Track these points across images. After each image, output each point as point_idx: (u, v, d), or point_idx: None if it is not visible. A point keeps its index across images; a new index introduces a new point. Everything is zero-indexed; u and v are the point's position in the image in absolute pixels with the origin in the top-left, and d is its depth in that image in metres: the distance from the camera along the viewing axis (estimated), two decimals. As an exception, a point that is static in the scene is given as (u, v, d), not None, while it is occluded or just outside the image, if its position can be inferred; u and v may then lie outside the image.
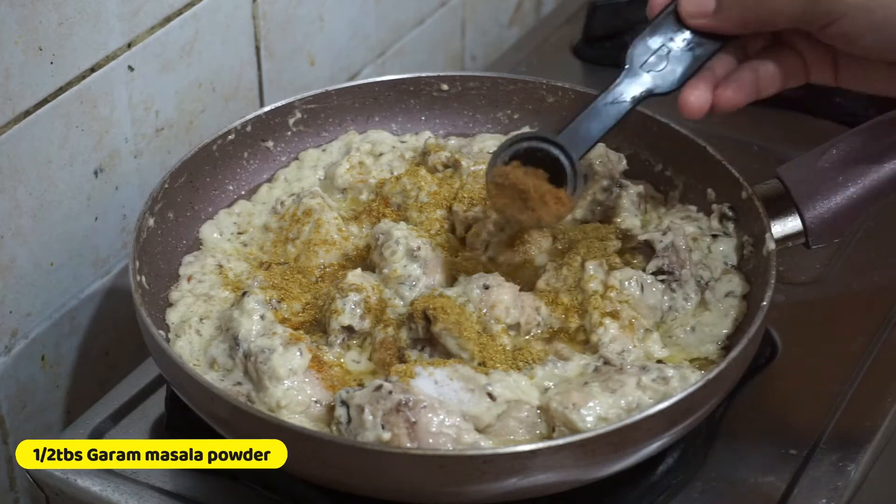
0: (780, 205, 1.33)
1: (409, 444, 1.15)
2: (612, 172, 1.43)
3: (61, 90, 1.34)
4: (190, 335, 1.29)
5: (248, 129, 1.47)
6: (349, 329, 1.28)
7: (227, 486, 1.27)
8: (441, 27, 1.87)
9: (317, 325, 1.30)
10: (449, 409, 1.18)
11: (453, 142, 1.51)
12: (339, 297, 1.29)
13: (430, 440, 1.16)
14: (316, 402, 1.23)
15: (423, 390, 1.19)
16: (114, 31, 1.37)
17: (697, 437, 1.29)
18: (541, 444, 1.13)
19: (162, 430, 1.33)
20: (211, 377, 1.24)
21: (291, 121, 1.50)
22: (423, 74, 1.55)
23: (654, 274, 1.33)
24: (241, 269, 1.36)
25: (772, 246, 1.30)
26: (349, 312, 1.28)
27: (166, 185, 1.37)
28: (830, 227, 1.33)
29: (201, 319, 1.31)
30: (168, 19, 1.43)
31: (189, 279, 1.35)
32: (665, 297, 1.32)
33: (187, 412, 1.24)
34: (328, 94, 1.51)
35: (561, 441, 1.14)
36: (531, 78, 1.55)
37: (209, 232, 1.41)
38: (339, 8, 1.67)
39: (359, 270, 1.33)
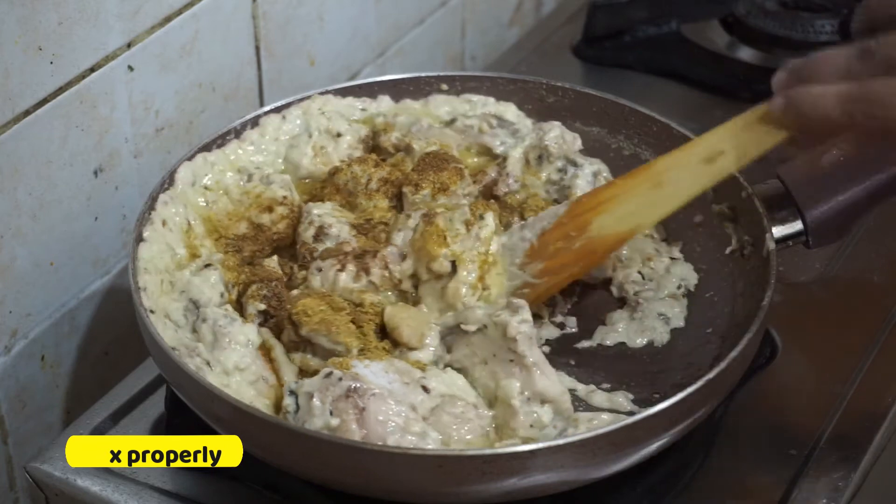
0: (781, 205, 1.34)
1: (356, 430, 1.15)
2: (567, 152, 1.43)
3: (61, 90, 1.34)
4: (155, 279, 1.30)
5: (248, 128, 1.47)
6: (265, 314, 1.29)
7: (227, 486, 1.27)
8: (441, 27, 1.87)
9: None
10: (397, 398, 1.18)
11: (402, 118, 1.49)
12: (256, 282, 1.31)
13: (378, 428, 1.16)
14: (263, 379, 1.25)
15: (372, 379, 1.19)
16: (113, 31, 1.37)
17: (697, 437, 1.29)
18: (541, 444, 1.13)
19: (162, 430, 1.33)
20: (164, 326, 1.26)
21: (291, 120, 1.50)
22: (423, 74, 1.55)
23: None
24: (200, 231, 1.37)
25: (772, 246, 1.30)
26: (262, 297, 1.29)
27: (166, 185, 1.37)
28: (832, 227, 1.33)
29: (167, 270, 1.32)
30: (168, 19, 1.43)
31: (164, 223, 1.34)
32: None
33: (187, 412, 1.24)
34: (328, 94, 1.51)
35: (561, 441, 1.14)
36: (531, 78, 1.55)
37: (185, 176, 1.39)
38: (339, 8, 1.67)
39: (275, 257, 1.35)
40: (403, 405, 1.18)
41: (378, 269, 1.31)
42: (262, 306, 1.29)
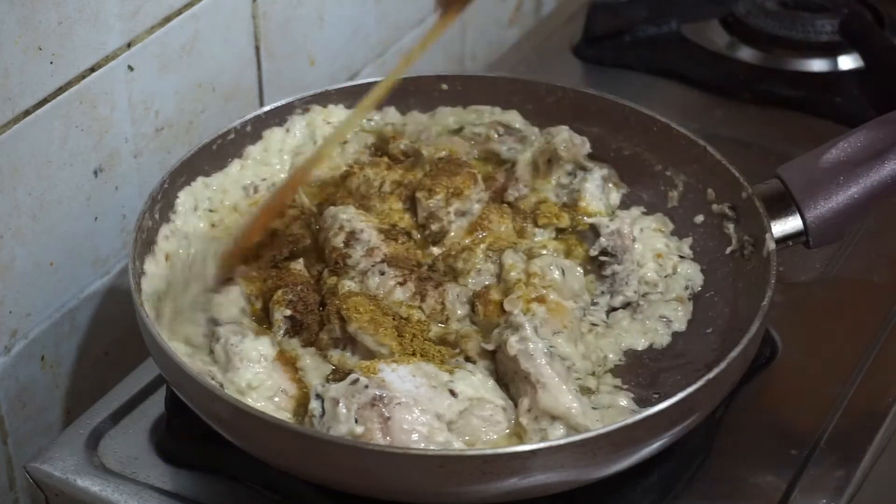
0: (781, 205, 1.33)
1: (381, 439, 1.15)
2: (576, 156, 1.44)
3: (61, 90, 1.34)
4: (168, 307, 1.29)
5: (248, 128, 1.47)
6: (292, 319, 1.28)
7: (228, 486, 1.27)
8: (441, 27, 1.86)
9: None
10: (423, 407, 1.18)
11: (411, 126, 1.50)
12: (281, 287, 1.30)
13: (403, 437, 1.16)
14: (283, 391, 1.24)
15: (398, 386, 1.19)
16: (113, 31, 1.37)
17: (697, 437, 1.29)
18: (541, 445, 1.13)
19: (162, 430, 1.33)
20: (179, 350, 1.25)
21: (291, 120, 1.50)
22: (423, 74, 1.55)
23: (599, 255, 1.37)
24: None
25: (772, 246, 1.30)
26: (288, 302, 1.29)
27: (166, 185, 1.37)
28: (832, 227, 1.33)
29: (178, 295, 1.31)
30: (168, 19, 1.43)
31: (167, 258, 1.34)
32: (598, 284, 1.37)
33: (187, 412, 1.24)
34: (328, 93, 1.51)
35: (561, 441, 1.14)
36: (531, 78, 1.55)
37: (186, 202, 1.39)
38: (339, 8, 1.67)
39: (300, 260, 1.34)
40: (429, 413, 1.18)
41: (433, 300, 1.31)
42: (288, 312, 1.28)
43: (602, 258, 1.38)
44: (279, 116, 1.49)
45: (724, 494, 1.26)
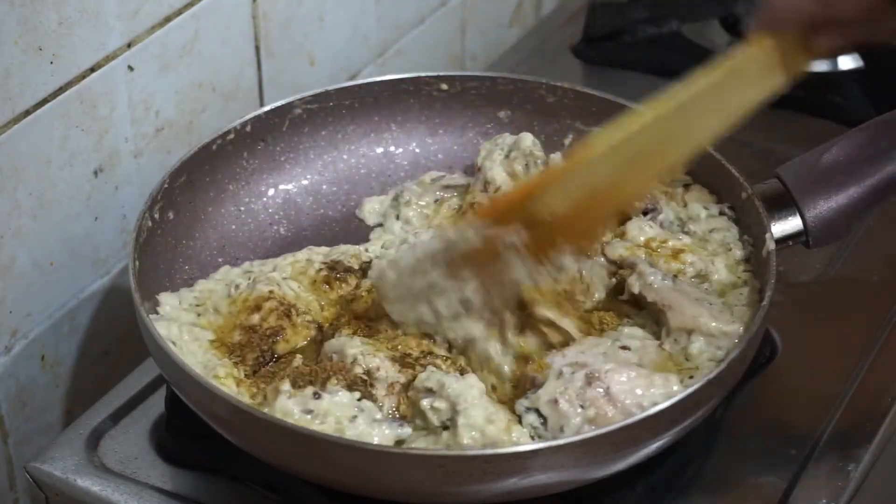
0: (780, 204, 1.33)
1: (612, 412, 1.16)
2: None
3: (61, 90, 1.34)
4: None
5: (248, 128, 1.47)
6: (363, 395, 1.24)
7: (227, 486, 1.27)
8: (441, 27, 1.87)
9: None
10: (621, 364, 1.20)
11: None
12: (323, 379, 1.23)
13: (629, 399, 1.17)
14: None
15: (591, 359, 1.20)
16: (114, 31, 1.37)
17: (697, 437, 1.29)
18: (541, 444, 1.13)
19: (162, 430, 1.33)
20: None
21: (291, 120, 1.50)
22: (423, 74, 1.55)
23: (643, 214, 1.38)
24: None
25: (772, 246, 1.30)
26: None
27: (166, 185, 1.37)
28: (832, 227, 1.33)
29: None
30: (168, 19, 1.44)
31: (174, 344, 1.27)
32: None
33: (187, 412, 1.24)
34: (328, 93, 1.51)
35: (561, 441, 1.14)
36: (531, 78, 1.55)
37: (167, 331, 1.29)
38: (339, 8, 1.67)
39: (299, 357, 1.26)
40: (631, 367, 1.19)
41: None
42: (358, 394, 1.21)
43: (648, 218, 1.38)
44: (279, 116, 1.49)
45: (724, 494, 1.26)
